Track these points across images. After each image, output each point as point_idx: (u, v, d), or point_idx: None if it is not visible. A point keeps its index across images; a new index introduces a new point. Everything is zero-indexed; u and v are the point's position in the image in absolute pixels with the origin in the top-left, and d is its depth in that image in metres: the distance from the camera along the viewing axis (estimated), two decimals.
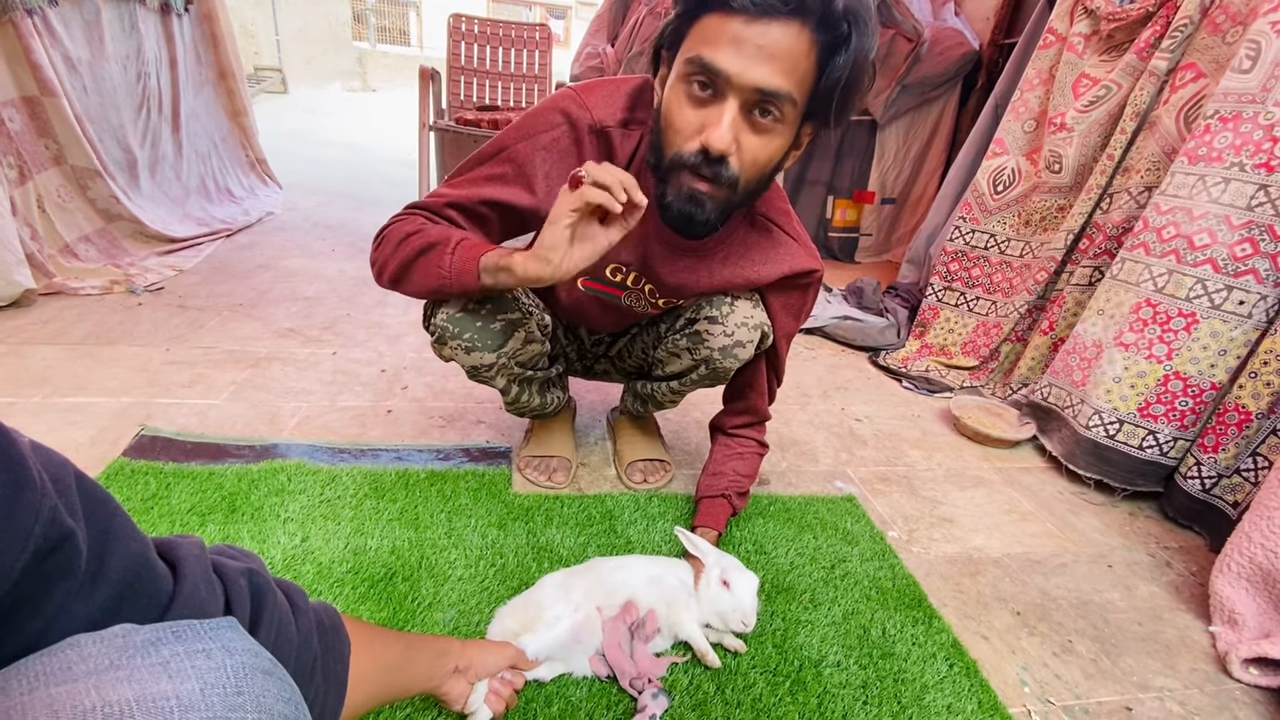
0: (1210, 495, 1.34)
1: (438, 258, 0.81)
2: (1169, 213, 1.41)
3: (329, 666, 0.51)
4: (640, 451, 1.32)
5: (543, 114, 0.86)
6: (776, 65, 0.70)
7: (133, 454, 1.17)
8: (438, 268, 0.82)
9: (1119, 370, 1.46)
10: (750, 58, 0.69)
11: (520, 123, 0.86)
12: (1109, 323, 1.51)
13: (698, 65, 0.71)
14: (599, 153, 0.87)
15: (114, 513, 0.35)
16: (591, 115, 0.84)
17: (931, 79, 2.88)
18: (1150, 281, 1.43)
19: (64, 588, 0.31)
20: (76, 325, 1.64)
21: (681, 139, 0.76)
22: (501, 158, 0.86)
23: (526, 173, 0.86)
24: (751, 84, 0.70)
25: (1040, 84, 1.92)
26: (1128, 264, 1.49)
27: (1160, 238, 1.42)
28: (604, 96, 0.85)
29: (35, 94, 1.83)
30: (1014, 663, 0.98)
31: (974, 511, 1.35)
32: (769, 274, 0.98)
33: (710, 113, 0.74)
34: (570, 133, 0.85)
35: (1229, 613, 1.07)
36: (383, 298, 2.09)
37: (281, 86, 7.91)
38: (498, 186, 0.87)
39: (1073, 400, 1.57)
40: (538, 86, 3.11)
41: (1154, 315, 1.42)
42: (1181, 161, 1.41)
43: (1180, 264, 1.38)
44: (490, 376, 1.02)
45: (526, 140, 0.85)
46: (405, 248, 0.83)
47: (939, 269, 2.11)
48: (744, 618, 0.89)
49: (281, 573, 0.96)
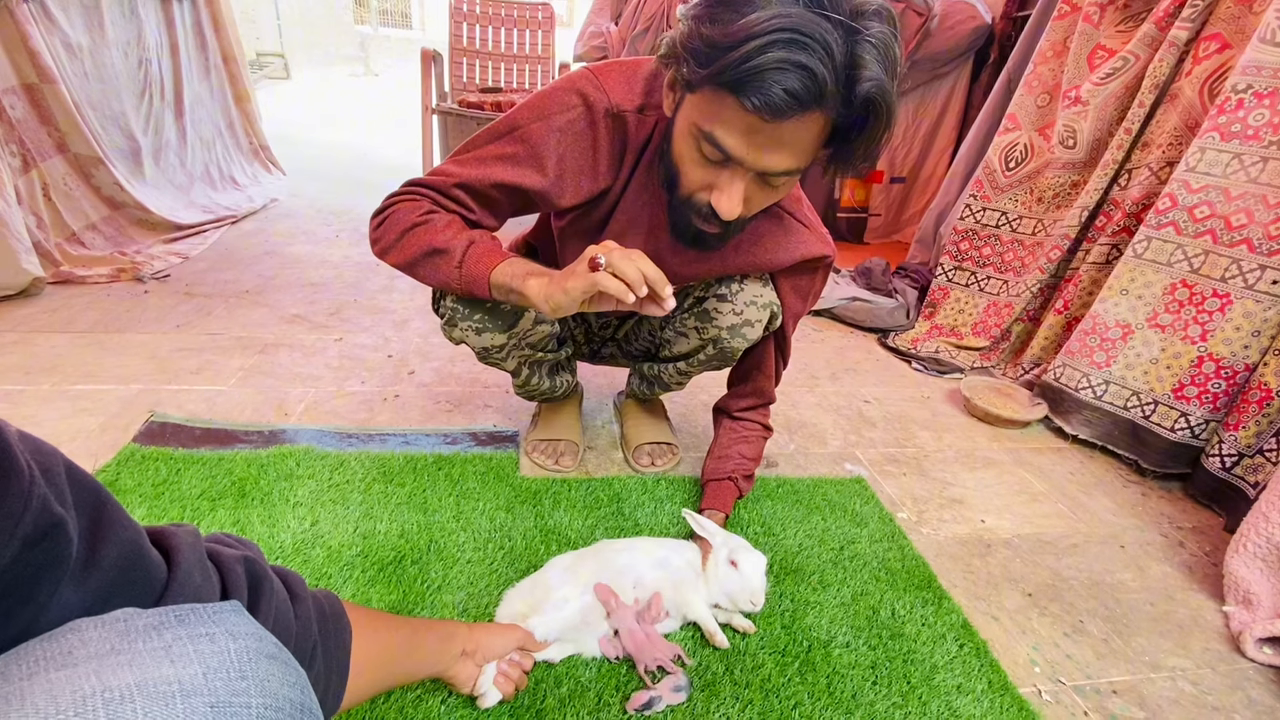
0: (1231, 474, 1.32)
1: (445, 265, 0.81)
2: (1200, 191, 1.39)
3: (330, 652, 0.51)
4: (647, 435, 1.31)
5: (559, 94, 0.83)
6: (789, 151, 0.69)
7: (143, 440, 1.18)
8: (445, 276, 0.81)
9: (1155, 352, 1.46)
10: (762, 147, 0.68)
11: (535, 101, 0.83)
12: (1138, 304, 1.49)
13: (708, 139, 0.70)
14: (613, 136, 0.84)
15: (105, 501, 0.34)
16: (609, 98, 0.81)
17: (942, 54, 2.81)
18: (1185, 262, 1.41)
19: (55, 575, 0.31)
20: (85, 313, 1.65)
21: (692, 187, 0.76)
22: (514, 136, 0.83)
23: (539, 154, 0.83)
24: (762, 168, 0.70)
25: (1054, 56, 1.87)
26: (1155, 243, 1.46)
27: (1193, 217, 1.40)
28: (622, 80, 0.82)
29: (35, 81, 1.82)
30: (1024, 643, 0.98)
31: (984, 492, 1.34)
32: (781, 261, 0.97)
33: (720, 176, 0.73)
34: (586, 114, 0.82)
35: (1244, 592, 1.05)
36: (388, 284, 2.08)
37: (284, 72, 7.86)
38: (508, 167, 0.84)
39: (1092, 382, 1.55)
40: (541, 67, 3.07)
41: (1190, 296, 1.41)
42: (1212, 138, 1.38)
43: (1217, 244, 1.37)
44: (501, 358, 1.02)
45: (541, 120, 0.82)
46: (411, 242, 0.82)
47: (949, 248, 2.08)
48: (752, 597, 0.89)
49: (291, 557, 0.96)
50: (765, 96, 0.60)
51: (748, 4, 0.60)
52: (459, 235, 0.82)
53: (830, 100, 0.62)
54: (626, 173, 0.87)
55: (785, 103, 0.61)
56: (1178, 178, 1.43)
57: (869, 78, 0.61)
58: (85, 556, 0.33)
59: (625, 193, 0.89)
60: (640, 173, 0.87)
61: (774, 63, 0.59)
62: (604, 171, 0.86)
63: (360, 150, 4.09)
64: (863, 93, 0.61)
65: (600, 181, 0.87)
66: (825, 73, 0.59)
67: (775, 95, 0.60)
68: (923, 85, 2.98)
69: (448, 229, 0.82)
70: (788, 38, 0.58)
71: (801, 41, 0.59)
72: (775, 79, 0.59)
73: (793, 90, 0.60)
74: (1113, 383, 1.51)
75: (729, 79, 0.62)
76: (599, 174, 0.86)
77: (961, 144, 2.50)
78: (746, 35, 0.59)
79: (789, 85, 0.60)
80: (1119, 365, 1.51)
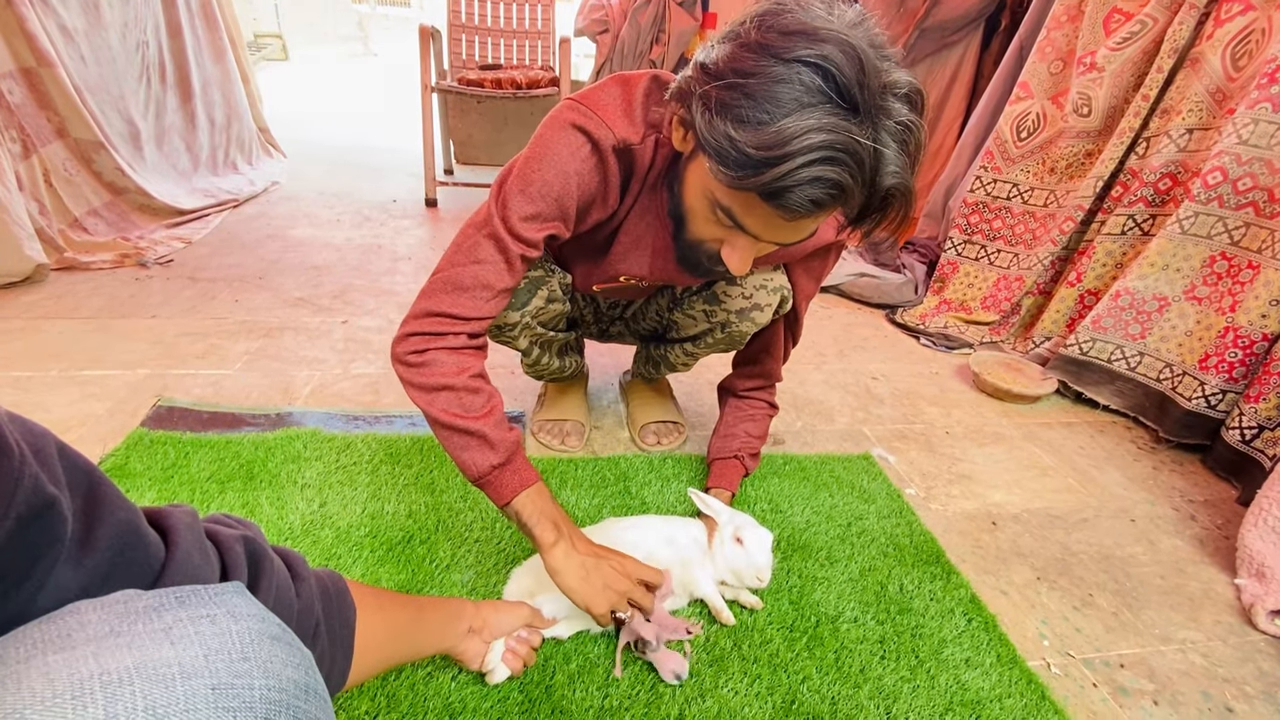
0: (1250, 447, 1.31)
1: (466, 466, 0.79)
2: (1248, 163, 1.36)
3: (334, 631, 0.51)
4: (653, 414, 1.31)
5: (563, 137, 0.78)
6: (805, 232, 0.69)
7: (151, 424, 1.18)
8: (465, 471, 0.80)
9: (1190, 324, 1.45)
10: (779, 229, 0.68)
11: (540, 153, 0.78)
12: (1175, 277, 1.48)
13: (725, 211, 0.68)
14: (621, 168, 0.82)
15: (99, 482, 0.34)
16: (615, 135, 0.77)
17: (952, 21, 2.74)
18: (1225, 235, 1.40)
19: (51, 555, 0.31)
20: (89, 299, 1.65)
21: (701, 236, 0.75)
22: (532, 194, 0.78)
23: (563, 206, 0.80)
24: (777, 242, 0.71)
25: (1069, 21, 1.82)
26: (1201, 217, 1.44)
27: (1236, 189, 1.38)
28: (619, 112, 0.79)
29: (32, 65, 1.80)
30: (1033, 617, 0.98)
31: (993, 468, 1.33)
32: (794, 254, 0.96)
33: (731, 236, 0.72)
34: (595, 153, 0.78)
35: (1257, 565, 1.05)
36: (392, 266, 2.07)
37: (283, 53, 7.76)
38: (536, 226, 0.80)
39: (1126, 353, 1.55)
40: (541, 43, 3.02)
41: (1228, 269, 1.40)
42: (1264, 109, 1.34)
43: (1259, 216, 1.36)
44: (514, 336, 1.01)
45: (557, 172, 0.78)
46: (439, 411, 0.78)
47: (959, 222, 2.04)
48: (759, 573, 0.89)
49: (300, 538, 0.97)
50: (791, 208, 0.61)
51: (774, 103, 0.57)
52: (484, 451, 0.79)
53: (854, 199, 0.61)
54: (632, 198, 0.86)
55: (809, 211, 0.61)
56: (1228, 150, 1.39)
57: (891, 173, 0.60)
58: (81, 536, 0.32)
59: (630, 214, 0.89)
60: (645, 195, 0.86)
61: (806, 180, 0.58)
62: (612, 201, 0.85)
63: (360, 131, 4.05)
64: (884, 186, 0.61)
65: (609, 210, 0.86)
66: (853, 183, 0.59)
67: (802, 206, 0.60)
68: (931, 55, 2.90)
69: (480, 420, 0.79)
70: (822, 156, 0.57)
71: (835, 158, 0.57)
72: (805, 193, 0.59)
73: (819, 201, 0.60)
74: (1147, 354, 1.51)
75: (759, 191, 0.61)
76: (608, 204, 0.85)
77: (971, 114, 2.44)
78: (783, 155, 0.57)
79: (817, 198, 0.59)
80: (1154, 337, 1.51)
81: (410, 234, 2.40)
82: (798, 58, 0.56)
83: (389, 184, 3.00)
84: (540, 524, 0.78)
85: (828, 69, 0.56)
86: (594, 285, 1.01)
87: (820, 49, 0.56)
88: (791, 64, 0.56)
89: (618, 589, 0.78)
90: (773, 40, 0.57)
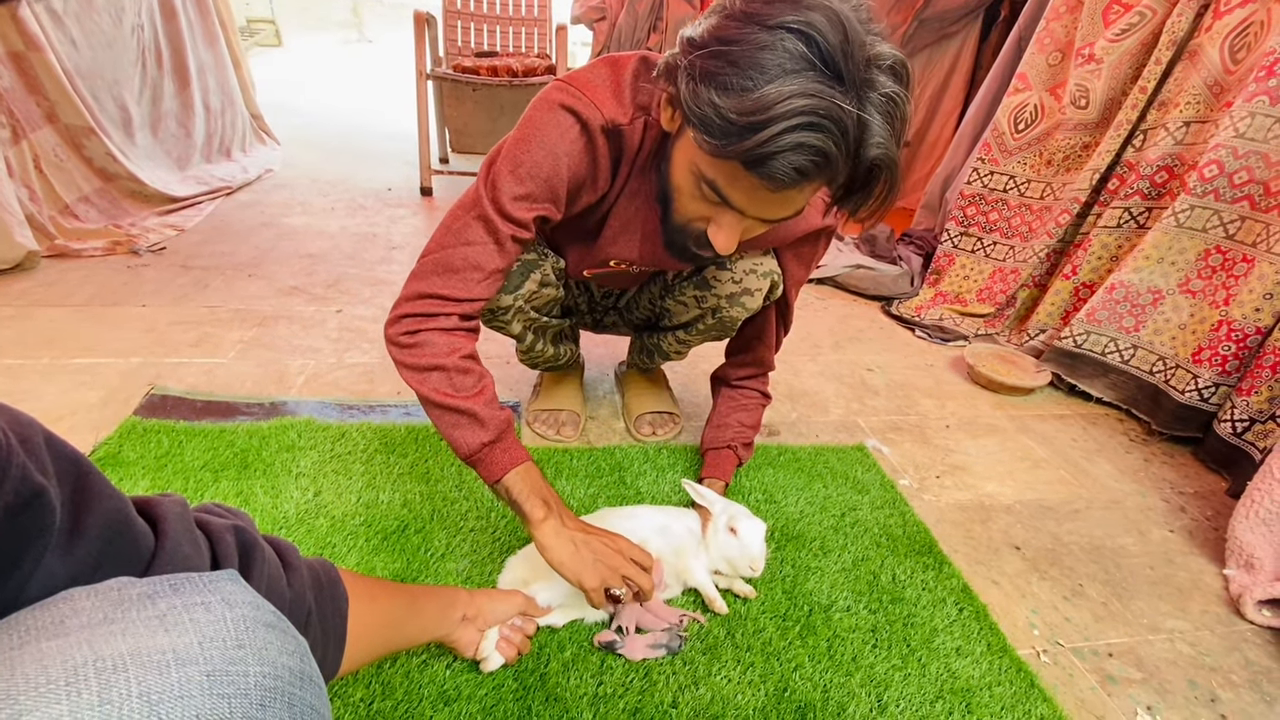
0: (1241, 440, 1.32)
1: (457, 444, 0.79)
2: (1244, 156, 1.36)
3: (326, 620, 0.52)
4: (649, 404, 1.31)
5: (551, 118, 0.78)
6: (791, 206, 0.69)
7: (144, 413, 1.18)
8: (456, 449, 0.80)
9: (1184, 317, 1.46)
10: (765, 203, 0.68)
11: (529, 134, 0.78)
12: (1170, 270, 1.49)
13: (710, 185, 0.68)
14: (610, 149, 0.81)
15: (87, 471, 0.34)
16: (603, 115, 0.77)
17: (951, 12, 2.72)
18: (1221, 228, 1.41)
19: (39, 545, 0.31)
20: (81, 287, 1.64)
21: (688, 216, 0.75)
22: (522, 175, 0.78)
23: (553, 187, 0.80)
24: (762, 219, 0.71)
25: (1068, 12, 1.81)
26: (1197, 210, 1.44)
27: (1232, 183, 1.38)
28: (609, 92, 0.78)
29: (21, 49, 1.78)
30: (1024, 606, 0.99)
31: (986, 459, 1.34)
32: (783, 239, 0.96)
33: (717, 212, 0.72)
34: (584, 133, 0.78)
35: (1246, 556, 1.06)
36: (386, 255, 2.06)
37: (276, 39, 7.66)
38: (526, 206, 0.79)
39: (1120, 346, 1.56)
40: (538, 30, 2.99)
41: (1223, 262, 1.41)
42: (1262, 102, 1.34)
43: (1255, 210, 1.36)
44: (507, 321, 1.01)
45: (547, 152, 0.78)
46: (430, 390, 0.79)
47: (955, 214, 2.04)
48: (752, 563, 0.90)
49: (295, 527, 0.97)
50: (775, 177, 0.60)
51: (758, 69, 0.56)
52: (475, 430, 0.79)
53: (838, 170, 0.61)
54: (622, 181, 0.86)
55: (794, 180, 0.60)
56: (1225, 143, 1.39)
57: (876, 143, 0.60)
58: (69, 526, 0.32)
59: (620, 198, 0.88)
60: (634, 178, 0.86)
61: (789, 146, 0.57)
62: (602, 183, 0.85)
63: (355, 118, 4.01)
64: (869, 158, 0.60)
65: (598, 192, 0.86)
66: (837, 152, 0.59)
67: (785, 175, 0.60)
68: (930, 46, 2.89)
69: (471, 399, 0.79)
70: (804, 121, 0.56)
71: (818, 124, 0.57)
72: (788, 160, 0.58)
73: (803, 169, 0.59)
74: (1141, 347, 1.52)
75: (742, 158, 0.60)
76: (598, 186, 0.85)
77: (969, 106, 2.43)
78: (766, 119, 0.56)
79: (800, 165, 0.59)
80: (1147, 330, 1.52)
81: (405, 222, 2.38)
82: (782, 24, 0.56)
83: (384, 172, 2.98)
84: (530, 500, 0.79)
85: (812, 35, 0.55)
86: (585, 270, 1.01)
87: (805, 15, 0.56)
88: (775, 30, 0.56)
89: (609, 564, 0.78)
90: (757, 8, 0.57)
